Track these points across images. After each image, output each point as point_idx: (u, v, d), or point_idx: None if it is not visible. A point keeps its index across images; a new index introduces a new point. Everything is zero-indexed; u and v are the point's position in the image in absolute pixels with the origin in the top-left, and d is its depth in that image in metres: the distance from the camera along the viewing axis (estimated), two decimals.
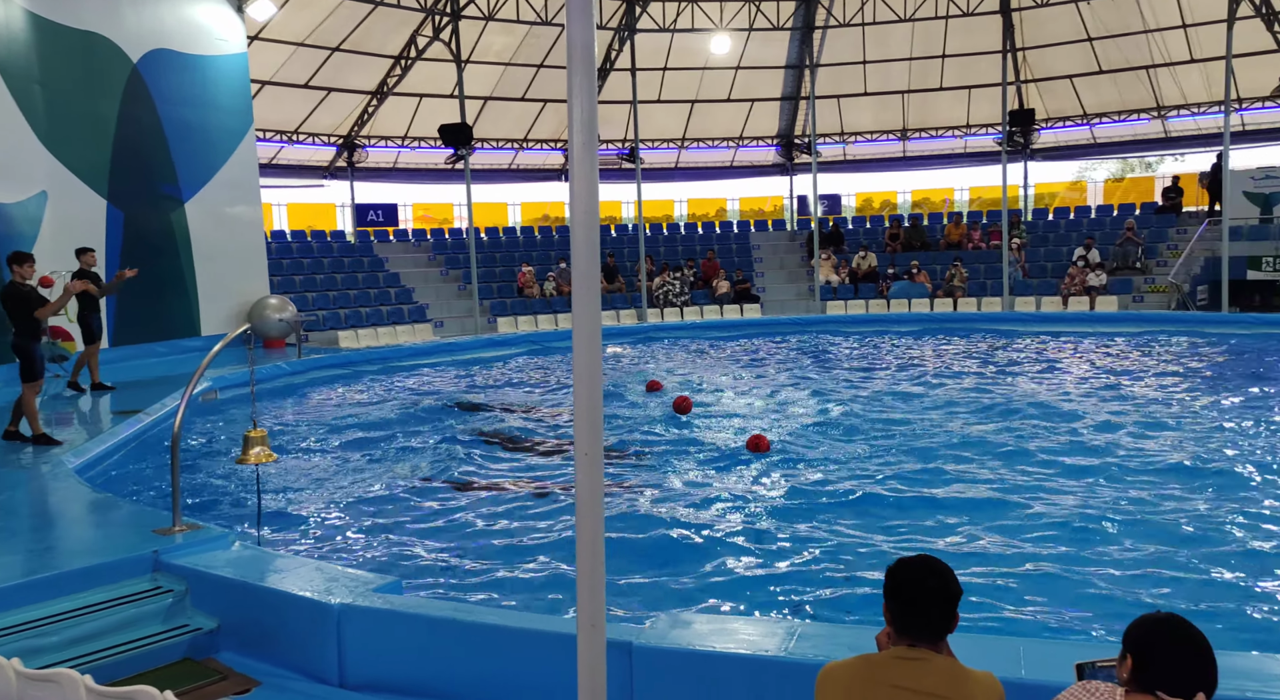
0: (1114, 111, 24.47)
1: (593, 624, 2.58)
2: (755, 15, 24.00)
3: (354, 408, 11.89)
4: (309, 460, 8.85)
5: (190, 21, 16.40)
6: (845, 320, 20.64)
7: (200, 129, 16.54)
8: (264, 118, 21.26)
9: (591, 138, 2.53)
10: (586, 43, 2.50)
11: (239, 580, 4.48)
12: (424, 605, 4.20)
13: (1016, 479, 7.36)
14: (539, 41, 23.79)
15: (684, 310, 22.55)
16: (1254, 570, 5.28)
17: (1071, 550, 5.66)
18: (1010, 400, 10.77)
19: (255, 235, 17.87)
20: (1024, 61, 24.04)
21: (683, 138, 27.23)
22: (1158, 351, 14.92)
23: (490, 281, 23.05)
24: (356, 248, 24.00)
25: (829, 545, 5.94)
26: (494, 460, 8.66)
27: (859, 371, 13.74)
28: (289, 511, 7.06)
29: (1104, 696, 2.14)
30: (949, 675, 2.30)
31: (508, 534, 6.39)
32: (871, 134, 26.90)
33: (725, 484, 7.54)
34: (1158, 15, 21.94)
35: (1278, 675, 3.04)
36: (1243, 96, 22.00)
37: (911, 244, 24.31)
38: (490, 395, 12.69)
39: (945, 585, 2.34)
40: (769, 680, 3.41)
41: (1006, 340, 16.99)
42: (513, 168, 27.49)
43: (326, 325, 19.78)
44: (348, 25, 21.37)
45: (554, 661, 3.61)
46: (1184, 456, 7.87)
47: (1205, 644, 2.11)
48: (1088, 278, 20.71)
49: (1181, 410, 9.99)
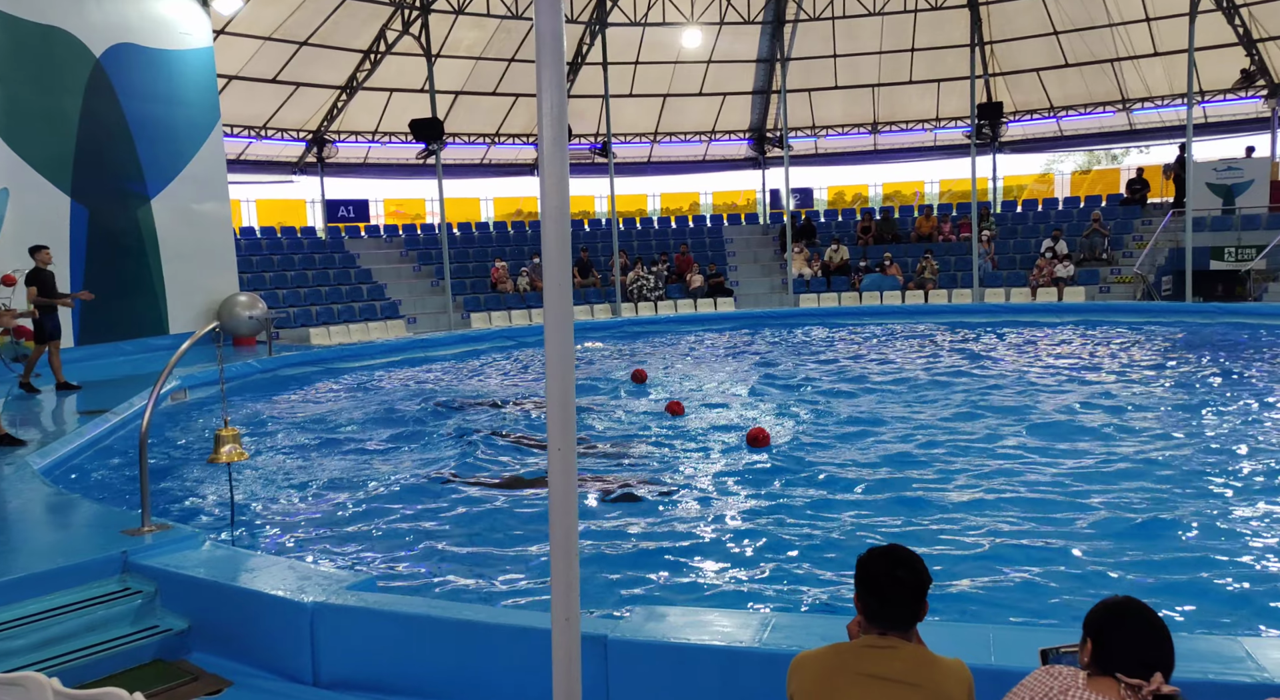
0: (1080, 104, 24.78)
1: (567, 618, 2.59)
2: (726, 9, 24.03)
3: (326, 405, 11.80)
4: (282, 458, 8.78)
5: (154, 16, 16.15)
6: (818, 313, 20.77)
7: (166, 124, 16.31)
8: (231, 113, 20.99)
9: (561, 132, 2.53)
10: (555, 34, 2.49)
11: (210, 580, 4.44)
12: (398, 602, 4.18)
13: (987, 465, 7.44)
14: (510, 35, 23.68)
15: (658, 304, 22.57)
16: (1216, 555, 5.38)
17: (1041, 536, 5.74)
18: (979, 389, 10.89)
19: (224, 232, 17.66)
20: (992, 55, 24.27)
21: (655, 132, 27.23)
22: (1123, 341, 15.14)
23: (463, 277, 22.94)
24: (327, 244, 23.77)
25: (805, 535, 5.98)
26: (471, 455, 8.63)
27: (834, 363, 13.84)
28: (262, 510, 7.01)
29: (1066, 679, 2.18)
30: (918, 662, 2.33)
31: (486, 530, 6.37)
32: (843, 127, 27.03)
33: (704, 477, 7.57)
34: (1121, 9, 22.24)
35: (1238, 657, 3.10)
36: (1205, 89, 22.34)
37: (883, 237, 24.49)
38: (473, 389, 12.64)
39: (914, 574, 2.37)
40: (743, 671, 3.43)
41: (976, 331, 17.17)
42: (485, 163, 27.36)
43: (297, 322, 19.60)
44: (316, 19, 21.14)
45: (530, 656, 3.61)
46: (1147, 444, 8.00)
47: (1161, 625, 2.16)
48: (1055, 269, 20.97)
49: (1144, 399, 10.15)
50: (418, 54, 21.46)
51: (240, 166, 23.32)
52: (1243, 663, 3.06)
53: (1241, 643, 3.24)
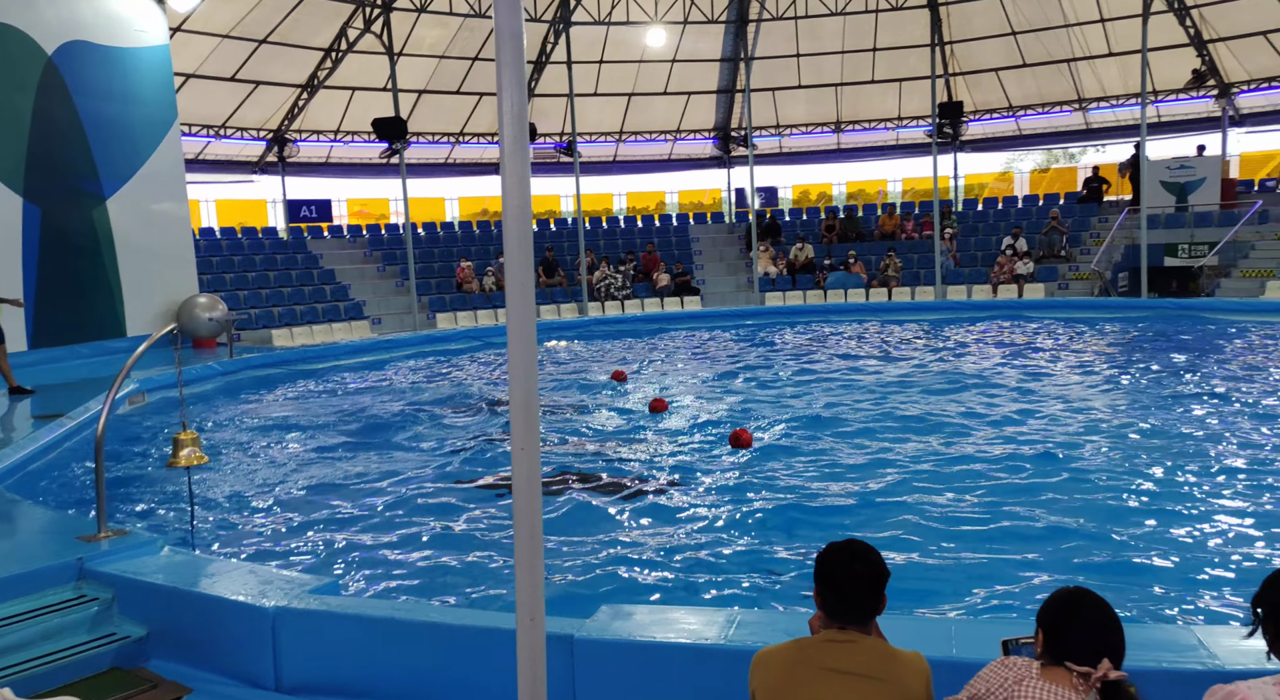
0: (1037, 104, 25.17)
1: (532, 618, 2.58)
2: (690, 8, 24.09)
3: (289, 408, 11.66)
4: (242, 462, 8.66)
5: (108, 13, 15.84)
6: (784, 311, 20.91)
7: (121, 123, 16.01)
8: (189, 112, 20.66)
9: (522, 131, 2.52)
10: (515, 33, 2.48)
11: (169, 586, 4.36)
12: (361, 605, 4.14)
13: (952, 458, 7.54)
14: (473, 34, 23.55)
15: (625, 303, 22.58)
16: (1169, 546, 5.49)
17: (1002, 529, 5.82)
18: (941, 385, 11.03)
19: (182, 232, 17.38)
20: (952, 55, 24.59)
21: (620, 131, 27.23)
22: (1081, 336, 15.41)
23: (428, 277, 22.78)
24: (289, 244, 23.49)
25: (779, 532, 6.02)
26: (447, 457, 8.58)
27: (807, 360, 13.94)
28: (222, 515, 6.91)
29: (1020, 670, 2.23)
30: (877, 656, 2.36)
31: (456, 530, 6.34)
32: (806, 127, 27.22)
33: (680, 476, 7.58)
34: (1077, 10, 22.63)
35: (1191, 645, 3.18)
36: (1158, 89, 22.80)
37: (847, 235, 24.70)
38: (447, 390, 12.55)
39: (872, 569, 2.40)
40: (709, 668, 3.45)
41: (938, 328, 17.38)
42: (449, 162, 27.19)
43: (259, 324, 19.35)
44: (275, 17, 20.87)
45: (496, 657, 3.59)
46: (1102, 437, 8.15)
47: (1110, 614, 2.20)
48: (1016, 266, 21.29)
49: (1097, 393, 10.34)
50: (380, 52, 21.27)
51: (199, 166, 22.97)
52: (1195, 651, 3.13)
53: (1194, 631, 3.32)
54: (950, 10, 23.41)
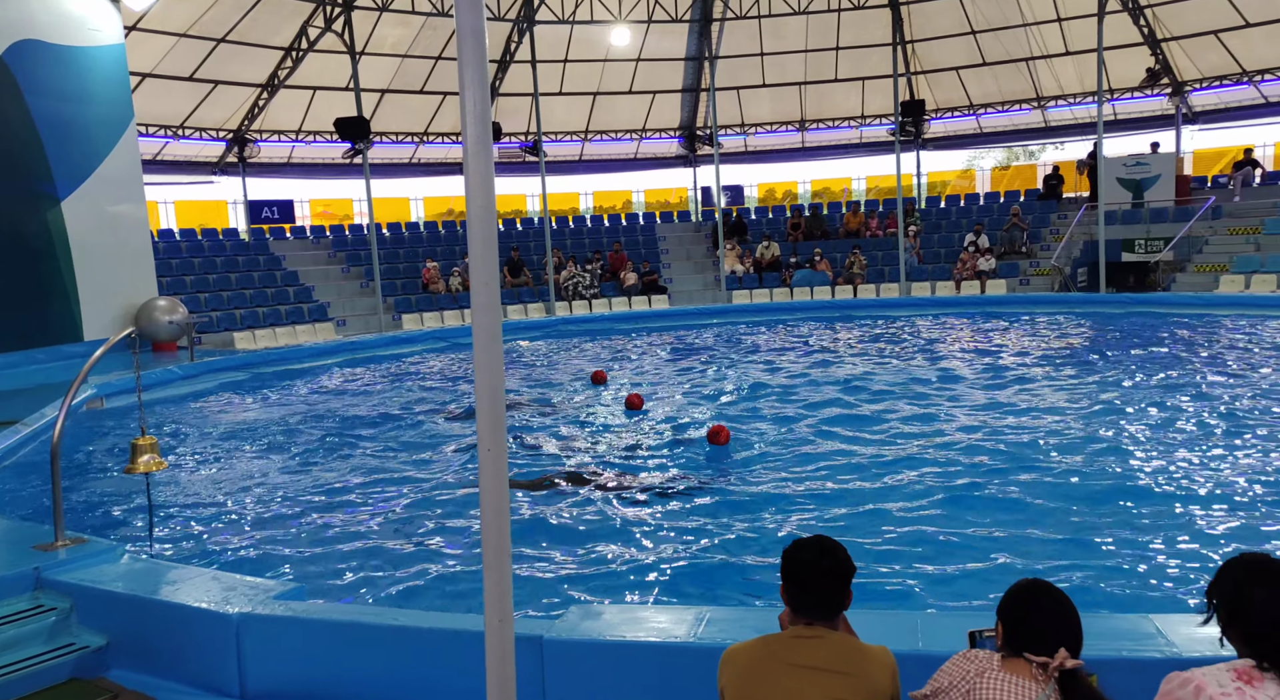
0: (997, 102, 25.52)
1: (500, 620, 2.57)
2: (654, 7, 24.11)
3: (252, 411, 11.50)
4: (204, 467, 8.53)
5: (60, 11, 15.52)
6: (751, 309, 21.02)
7: (76, 123, 15.69)
8: (146, 112, 20.31)
9: (486, 131, 2.50)
10: (476, 31, 2.47)
11: (129, 594, 4.28)
12: (328, 610, 4.10)
13: (914, 450, 7.62)
14: (436, 33, 23.38)
15: (592, 303, 22.55)
16: (1131, 536, 5.60)
17: (969, 521, 5.90)
18: (902, 379, 11.15)
19: (140, 234, 17.07)
20: (913, 54, 24.85)
21: (586, 130, 27.18)
22: (1041, 331, 15.65)
23: (394, 278, 22.59)
24: (251, 246, 23.17)
25: (746, 528, 6.04)
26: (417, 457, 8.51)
27: (776, 356, 14.01)
28: (183, 521, 6.79)
29: (982, 662, 2.26)
30: (844, 651, 2.38)
31: (419, 533, 6.29)
32: (771, 125, 27.36)
33: (655, 474, 7.58)
34: (1034, 9, 22.96)
35: (1149, 634, 3.24)
36: (1114, 87, 23.22)
37: (812, 233, 24.87)
38: (417, 391, 12.45)
39: (838, 564, 2.42)
40: (679, 666, 3.45)
41: (903, 324, 17.56)
42: (414, 162, 26.98)
43: (221, 326, 19.07)
44: (233, 15, 20.57)
45: (466, 660, 3.57)
46: (1066, 430, 8.29)
47: (1066, 604, 2.24)
48: (978, 262, 21.57)
49: (1060, 386, 10.50)
50: (341, 51, 21.06)
51: (157, 167, 22.58)
52: (1153, 639, 3.19)
53: (1152, 620, 3.38)
54: (911, 9, 23.66)
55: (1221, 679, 1.99)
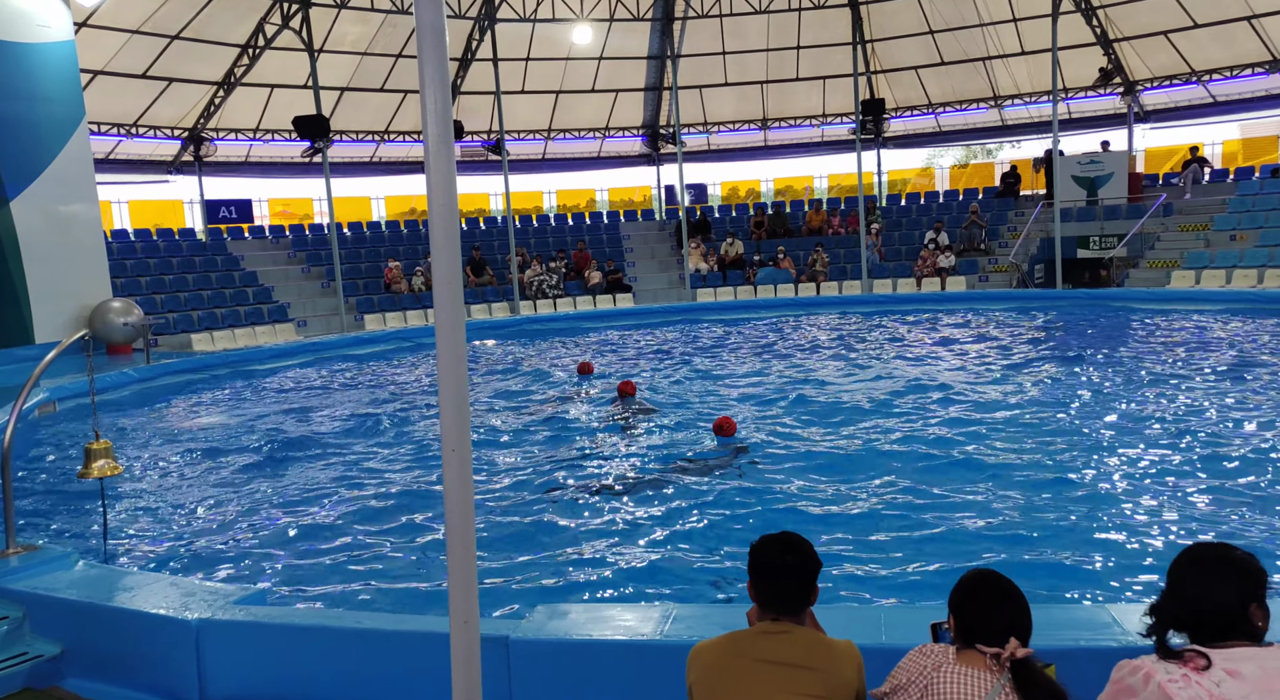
0: (956, 101, 25.85)
1: (466, 621, 2.55)
2: (615, 5, 24.09)
3: (209, 414, 11.31)
4: (161, 472, 8.37)
5: (7, 7, 15.16)
6: (716, 307, 21.09)
7: (25, 122, 15.33)
8: (98, 110, 19.88)
9: (446, 129, 2.48)
10: (437, 28, 2.45)
11: (84, 602, 4.20)
12: (289, 614, 4.05)
13: (878, 444, 7.70)
14: (396, 30, 23.16)
15: (557, 302, 22.49)
16: (1088, 527, 5.70)
17: (931, 515, 5.97)
18: (865, 376, 11.26)
19: (93, 234, 16.71)
20: (873, 53, 25.08)
21: (549, 129, 27.09)
22: (1000, 326, 15.89)
23: (355, 278, 22.35)
24: (208, 246, 22.80)
25: (713, 525, 6.06)
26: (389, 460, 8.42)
27: (742, 350, 14.08)
28: (139, 527, 6.66)
29: (938, 656, 2.28)
30: (811, 645, 2.40)
31: (382, 535, 6.23)
32: (734, 124, 27.47)
33: (632, 471, 7.58)
34: (990, 10, 23.30)
35: (1106, 623, 3.30)
36: (1068, 86, 23.63)
37: (775, 231, 25.02)
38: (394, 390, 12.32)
39: (803, 560, 2.43)
40: (646, 664, 3.45)
41: (867, 321, 17.73)
42: (375, 160, 26.70)
43: (178, 328, 18.74)
44: (187, 12, 20.21)
45: (430, 662, 3.55)
46: (1026, 424, 8.42)
47: (1013, 592, 2.27)
48: (938, 260, 21.84)
49: (1019, 381, 10.67)
50: (299, 49, 20.77)
51: (110, 166, 22.12)
52: (1109, 628, 3.25)
53: (1108, 609, 3.45)
54: (870, 9, 23.89)
55: (1169, 666, 2.03)
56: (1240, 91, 22.38)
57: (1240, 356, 11.43)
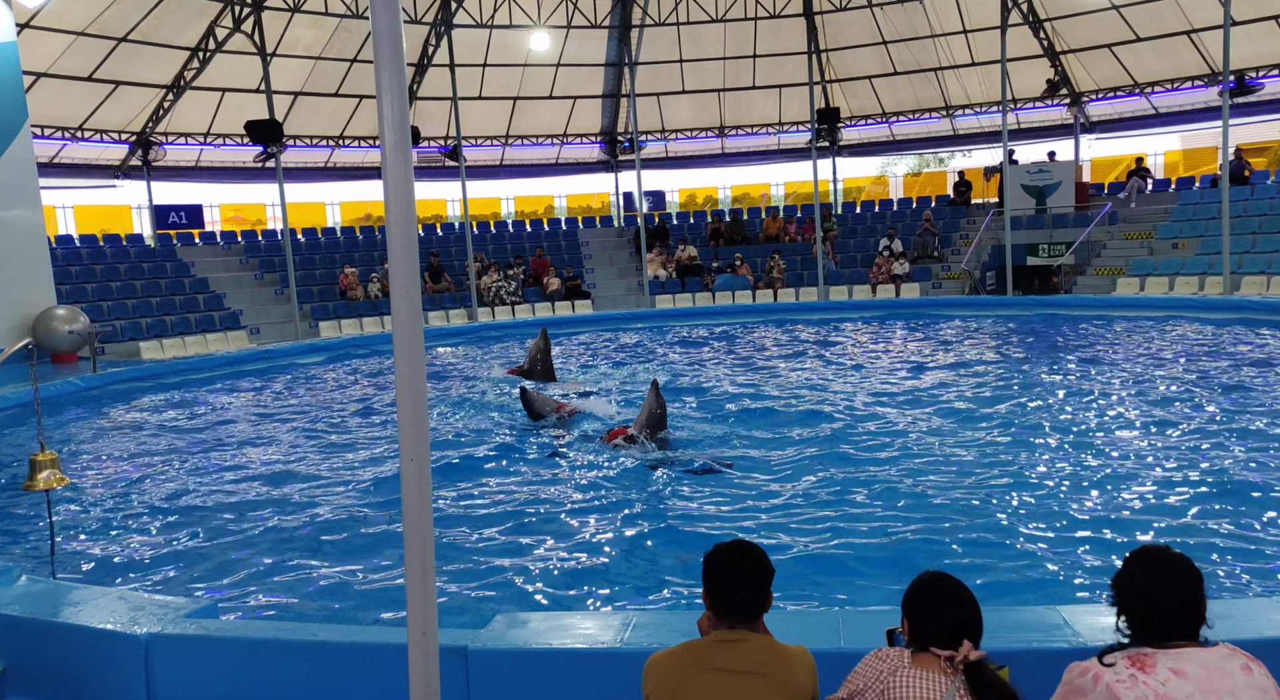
0: (909, 110, 26.27)
1: (424, 632, 2.53)
2: (573, 13, 24.10)
3: (158, 423, 11.06)
4: (108, 483, 8.17)
5: None
6: (675, 313, 21.16)
7: None
8: (41, 113, 19.38)
9: (404, 136, 2.47)
10: (393, 34, 2.44)
11: (27, 617, 4.08)
12: (242, 627, 3.97)
13: (834, 448, 7.77)
14: (351, 35, 22.93)
15: (515, 308, 22.40)
16: (1038, 530, 5.82)
17: (884, 519, 6.04)
18: (819, 380, 11.38)
19: (37, 240, 16.24)
20: (828, 63, 25.40)
21: (506, 135, 26.99)
22: (952, 332, 16.16)
23: (310, 285, 22.05)
24: (157, 252, 22.33)
25: (669, 531, 6.07)
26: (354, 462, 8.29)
27: (691, 356, 14.14)
28: (86, 540, 6.50)
29: (894, 661, 2.31)
30: (766, 652, 2.41)
31: (337, 545, 6.14)
32: (691, 131, 27.62)
33: (583, 477, 7.56)
34: (942, 21, 23.73)
35: (1057, 625, 3.37)
36: (1017, 97, 24.15)
37: (733, 238, 25.19)
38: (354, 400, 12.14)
39: (757, 567, 2.45)
40: (605, 672, 3.45)
41: (821, 328, 17.91)
42: (329, 166, 26.38)
43: (125, 336, 18.33)
44: (135, 14, 19.80)
45: (387, 674, 3.51)
46: (977, 428, 8.57)
47: (964, 595, 2.31)
48: (893, 267, 22.16)
49: (969, 386, 10.85)
50: (252, 53, 20.46)
51: (54, 170, 21.57)
52: (1061, 630, 3.32)
53: (1059, 611, 3.52)
54: (825, 19, 24.19)
55: (1117, 666, 2.09)
56: (1181, 103, 23.07)
57: (1187, 362, 11.75)
